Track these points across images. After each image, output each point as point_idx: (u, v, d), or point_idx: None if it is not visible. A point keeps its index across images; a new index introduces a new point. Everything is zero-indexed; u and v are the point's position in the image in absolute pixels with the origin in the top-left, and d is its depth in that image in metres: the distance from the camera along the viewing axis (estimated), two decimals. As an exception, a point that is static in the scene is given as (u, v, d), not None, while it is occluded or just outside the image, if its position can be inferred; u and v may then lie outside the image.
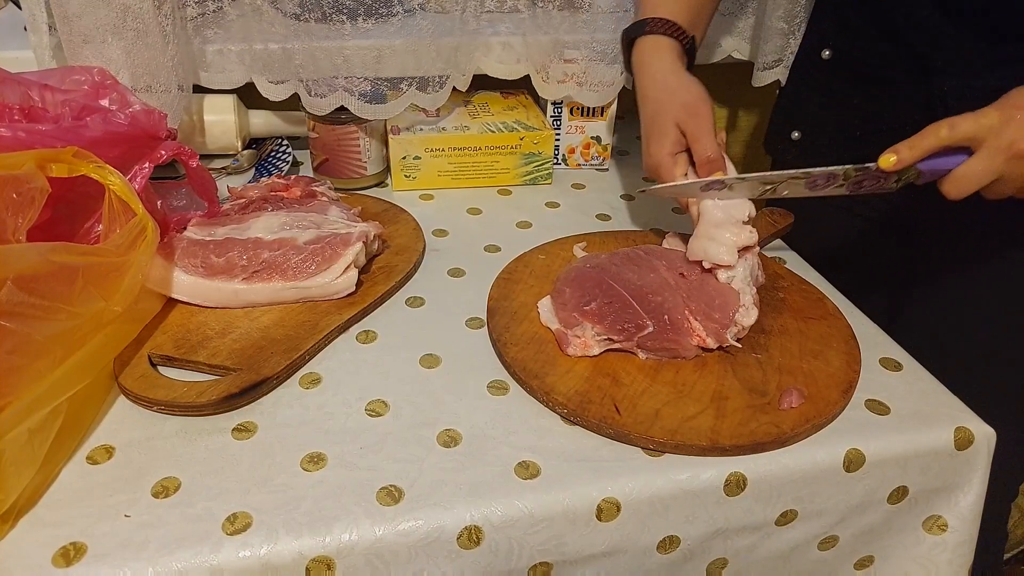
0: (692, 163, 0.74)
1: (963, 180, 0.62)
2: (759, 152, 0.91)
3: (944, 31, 0.72)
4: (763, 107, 0.92)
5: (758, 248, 0.71)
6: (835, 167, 0.67)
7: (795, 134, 0.88)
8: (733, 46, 1.08)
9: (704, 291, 0.67)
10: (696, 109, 0.74)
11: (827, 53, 0.83)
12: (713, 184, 0.70)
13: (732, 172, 0.73)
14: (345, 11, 0.86)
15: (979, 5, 0.69)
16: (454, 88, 0.92)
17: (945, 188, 0.63)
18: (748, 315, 0.66)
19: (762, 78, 1.04)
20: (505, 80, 0.98)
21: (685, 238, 0.75)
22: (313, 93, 0.87)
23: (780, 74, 1.04)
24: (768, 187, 0.70)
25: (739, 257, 0.69)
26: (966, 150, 0.62)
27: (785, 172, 0.69)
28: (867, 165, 0.66)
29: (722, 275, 0.68)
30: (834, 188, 0.69)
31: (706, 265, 0.69)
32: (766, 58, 1.03)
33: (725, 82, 1.16)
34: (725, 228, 0.69)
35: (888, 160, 0.64)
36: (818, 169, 0.68)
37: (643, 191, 0.76)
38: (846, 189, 0.69)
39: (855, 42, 0.81)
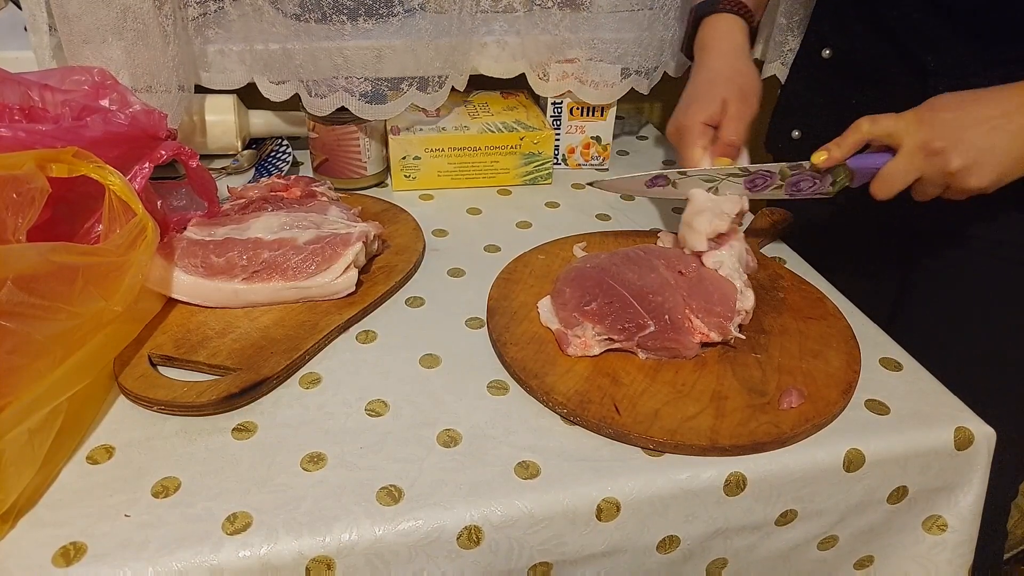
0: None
1: (887, 179, 0.65)
2: (759, 151, 0.91)
3: (937, 33, 0.72)
4: (764, 106, 0.92)
5: (742, 235, 0.73)
6: (771, 164, 0.70)
7: (795, 133, 0.88)
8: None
9: (702, 286, 0.67)
10: (748, 97, 0.76)
11: (827, 52, 0.83)
12: (657, 180, 0.72)
13: (744, 163, 0.75)
14: (345, 11, 0.86)
15: (969, 7, 0.70)
16: (453, 88, 0.92)
17: (873, 188, 0.66)
18: (745, 298, 0.67)
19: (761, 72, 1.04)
20: (505, 80, 0.98)
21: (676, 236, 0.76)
22: (313, 93, 0.87)
23: (778, 70, 1.04)
24: (710, 184, 0.72)
25: (724, 245, 0.70)
26: (893, 152, 0.65)
27: (724, 168, 0.71)
28: (800, 163, 0.69)
29: (709, 260, 0.69)
30: (773, 190, 0.71)
31: (686, 251, 0.71)
32: (765, 54, 1.03)
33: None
34: (703, 216, 0.71)
35: (819, 157, 0.67)
36: (755, 166, 0.70)
37: (592, 183, 0.78)
38: (784, 192, 0.71)
39: (853, 42, 0.81)
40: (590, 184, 0.76)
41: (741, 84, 0.76)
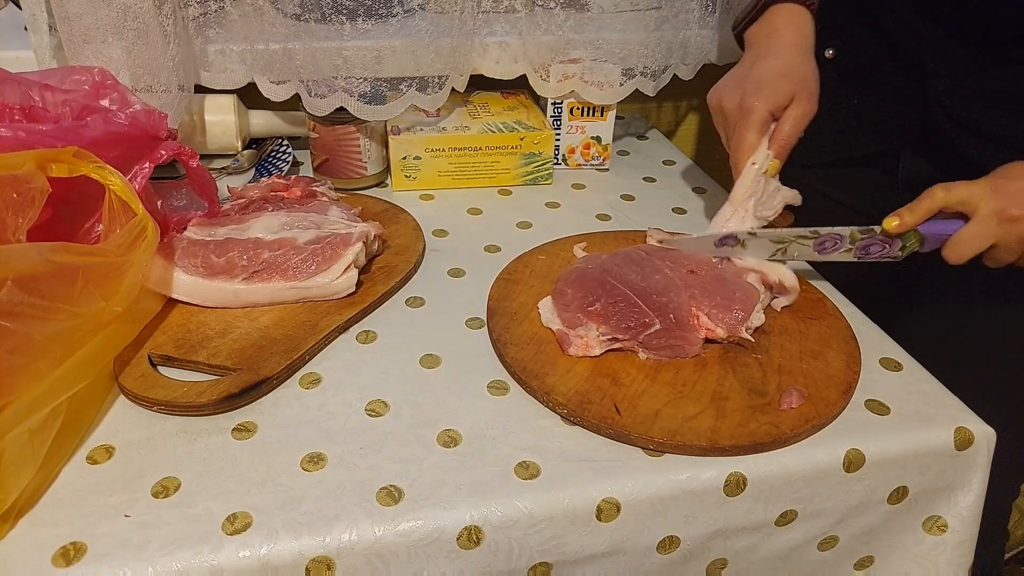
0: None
1: (961, 245, 0.65)
2: None
3: (933, 35, 0.72)
4: None
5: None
6: (841, 228, 0.69)
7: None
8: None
9: (722, 284, 0.67)
10: (813, 99, 0.75)
11: (830, 52, 0.83)
12: (727, 239, 0.72)
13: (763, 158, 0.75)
14: (344, 11, 0.86)
15: (963, 12, 0.70)
16: (453, 88, 0.92)
17: (946, 253, 0.66)
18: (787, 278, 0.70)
19: None
20: (505, 80, 0.98)
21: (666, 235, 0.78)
22: (313, 93, 0.87)
23: None
24: (779, 247, 0.72)
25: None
26: (965, 218, 0.65)
27: (794, 231, 0.70)
28: (871, 228, 0.68)
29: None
30: (841, 253, 0.71)
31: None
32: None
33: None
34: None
35: (891, 223, 0.66)
36: (824, 229, 0.69)
37: (661, 242, 0.76)
38: (853, 255, 0.70)
39: (852, 43, 0.81)
40: (660, 242, 0.75)
41: (811, 86, 0.75)
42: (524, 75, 0.97)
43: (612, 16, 0.95)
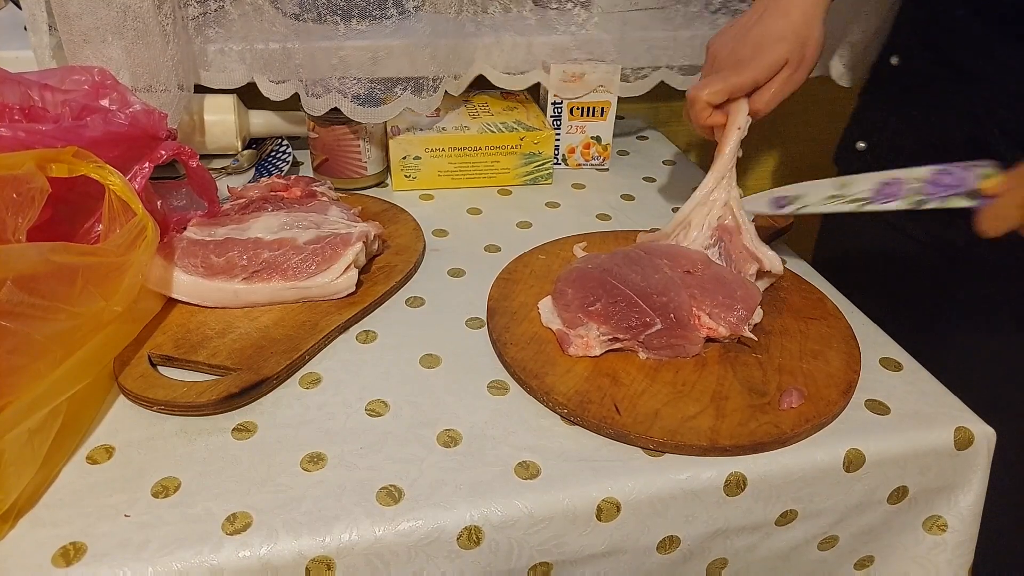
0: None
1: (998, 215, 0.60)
2: (827, 164, 0.90)
3: (981, 36, 0.70)
4: (834, 119, 0.91)
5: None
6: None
7: (860, 144, 0.85)
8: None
9: (724, 284, 0.67)
10: (805, 63, 0.72)
11: (895, 60, 0.80)
12: (781, 200, 0.71)
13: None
14: (339, 12, 0.86)
15: (1014, 12, 0.67)
16: (449, 91, 0.92)
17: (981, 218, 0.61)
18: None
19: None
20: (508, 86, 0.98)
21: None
22: (310, 93, 0.87)
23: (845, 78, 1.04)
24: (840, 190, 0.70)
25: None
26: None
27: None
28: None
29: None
30: (906, 195, 0.67)
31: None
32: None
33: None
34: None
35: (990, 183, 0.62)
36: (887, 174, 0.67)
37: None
38: (921, 191, 0.66)
39: (910, 51, 0.78)
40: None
41: (808, 53, 0.71)
42: (525, 85, 0.97)
43: (610, 16, 0.95)
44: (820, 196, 0.72)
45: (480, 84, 0.99)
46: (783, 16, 0.72)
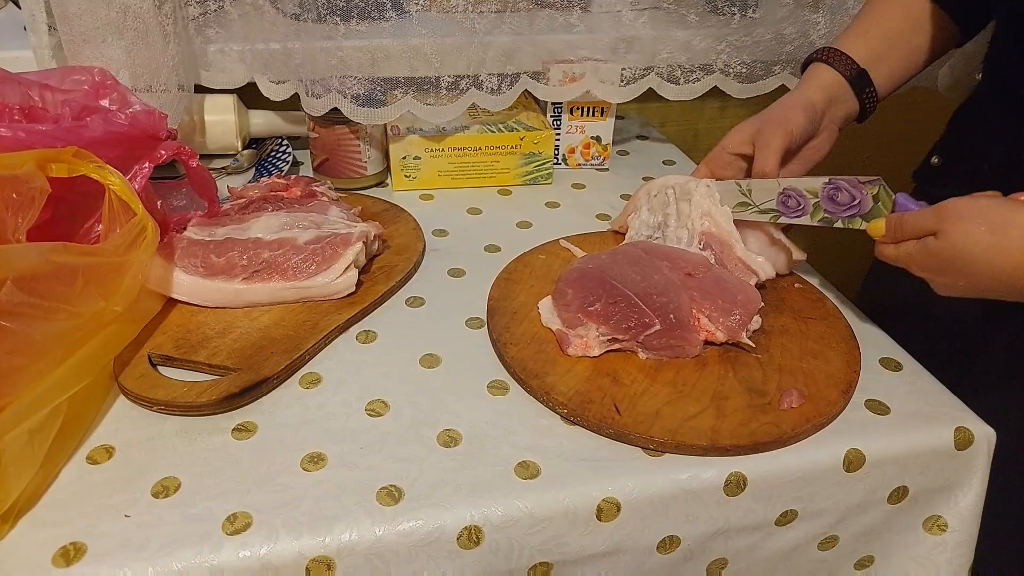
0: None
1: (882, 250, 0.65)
2: (903, 177, 0.90)
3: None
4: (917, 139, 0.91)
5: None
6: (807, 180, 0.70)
7: (934, 159, 0.84)
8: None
9: (724, 288, 0.67)
10: (775, 126, 0.74)
11: (979, 75, 0.80)
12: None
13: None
14: (339, 12, 0.86)
15: None
16: (451, 91, 0.92)
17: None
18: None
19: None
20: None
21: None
22: (310, 93, 0.87)
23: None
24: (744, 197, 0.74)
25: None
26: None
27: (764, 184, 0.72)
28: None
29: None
30: (809, 211, 0.71)
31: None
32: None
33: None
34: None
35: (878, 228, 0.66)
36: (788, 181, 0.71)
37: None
38: (822, 203, 0.70)
39: (996, 73, 0.77)
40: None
41: (772, 116, 0.75)
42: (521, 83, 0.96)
43: (609, 16, 0.95)
44: (731, 202, 0.74)
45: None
46: (773, 107, 0.77)
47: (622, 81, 0.96)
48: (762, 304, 0.67)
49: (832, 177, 0.69)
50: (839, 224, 0.69)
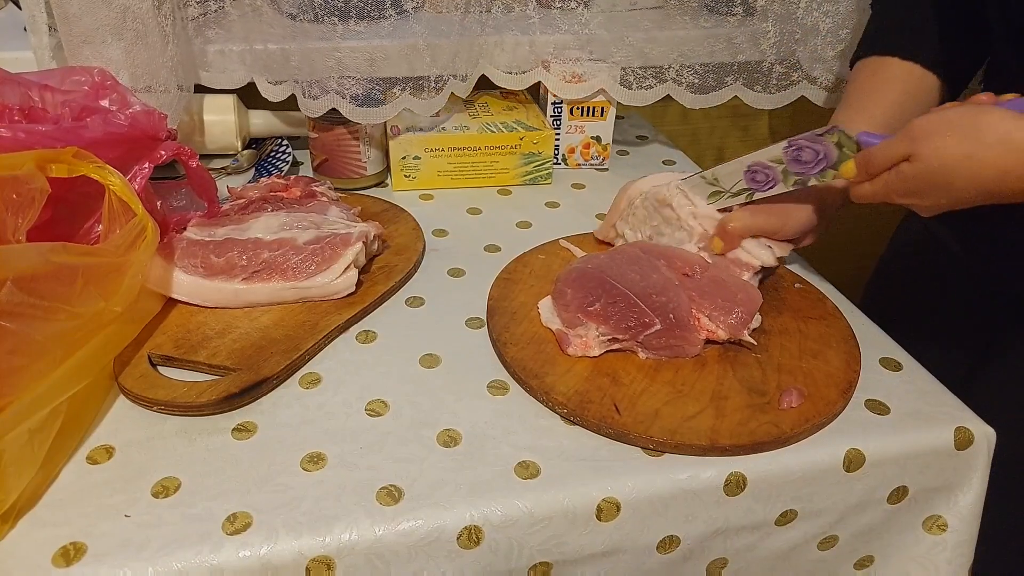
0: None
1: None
2: None
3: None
4: None
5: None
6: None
7: None
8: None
9: (723, 287, 0.67)
10: (770, 210, 0.73)
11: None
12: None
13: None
14: (336, 12, 0.86)
15: None
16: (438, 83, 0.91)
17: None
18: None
19: None
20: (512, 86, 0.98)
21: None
22: (307, 95, 0.87)
23: None
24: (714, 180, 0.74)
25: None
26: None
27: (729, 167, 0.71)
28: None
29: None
30: (778, 183, 0.70)
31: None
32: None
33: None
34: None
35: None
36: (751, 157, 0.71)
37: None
38: (786, 160, 0.69)
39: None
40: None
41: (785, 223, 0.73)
42: (528, 83, 0.96)
43: (608, 15, 0.95)
44: (704, 194, 0.74)
45: (481, 84, 0.99)
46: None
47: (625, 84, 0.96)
48: (761, 301, 0.67)
49: (790, 139, 0.68)
50: (813, 182, 0.68)
